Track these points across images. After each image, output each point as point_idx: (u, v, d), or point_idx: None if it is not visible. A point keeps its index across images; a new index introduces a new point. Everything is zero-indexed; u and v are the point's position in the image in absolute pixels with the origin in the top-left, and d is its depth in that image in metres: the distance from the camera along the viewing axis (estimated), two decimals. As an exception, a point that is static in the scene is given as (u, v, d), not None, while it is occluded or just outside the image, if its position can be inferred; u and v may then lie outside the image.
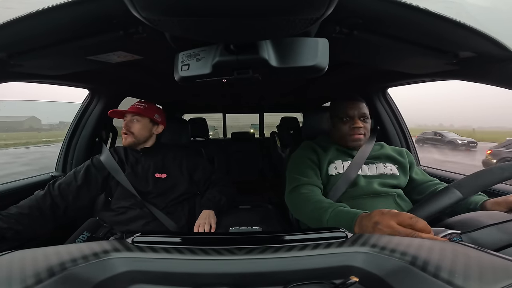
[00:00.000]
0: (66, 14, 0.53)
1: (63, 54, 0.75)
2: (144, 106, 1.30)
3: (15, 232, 0.99)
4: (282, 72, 0.57)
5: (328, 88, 1.97)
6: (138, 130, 1.27)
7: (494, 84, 0.80)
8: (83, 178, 1.21)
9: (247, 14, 0.39)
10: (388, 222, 0.59)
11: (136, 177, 1.26)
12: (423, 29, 0.60)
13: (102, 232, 1.10)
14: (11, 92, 12.65)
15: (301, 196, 0.97)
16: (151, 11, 0.38)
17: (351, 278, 0.38)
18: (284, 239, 0.50)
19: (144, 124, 1.29)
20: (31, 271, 0.35)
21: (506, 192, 1.04)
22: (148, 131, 1.31)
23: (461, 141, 14.23)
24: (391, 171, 1.08)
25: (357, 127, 1.07)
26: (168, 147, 1.40)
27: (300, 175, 1.05)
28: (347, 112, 1.09)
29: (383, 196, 1.01)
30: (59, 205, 1.13)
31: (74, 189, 1.17)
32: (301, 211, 0.95)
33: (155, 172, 1.27)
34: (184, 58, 0.59)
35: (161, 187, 1.25)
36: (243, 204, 1.85)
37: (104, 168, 1.27)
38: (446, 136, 14.98)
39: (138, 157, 1.32)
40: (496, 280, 0.32)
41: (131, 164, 1.30)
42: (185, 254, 0.43)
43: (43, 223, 1.08)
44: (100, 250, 0.42)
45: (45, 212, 1.09)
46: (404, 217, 0.59)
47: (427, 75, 1.01)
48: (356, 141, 1.09)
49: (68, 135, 1.57)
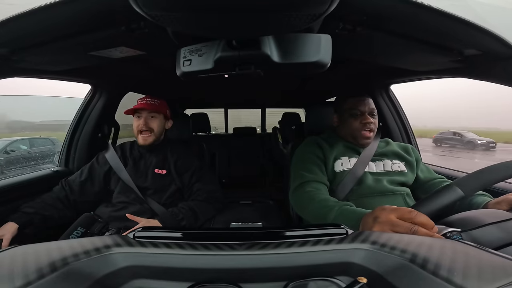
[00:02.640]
0: (68, 10, 0.53)
1: (65, 50, 0.75)
2: (157, 101, 1.29)
3: (42, 217, 1.08)
4: (284, 68, 0.57)
5: (331, 84, 1.96)
6: (157, 126, 1.28)
7: (498, 82, 0.79)
8: (87, 174, 1.27)
9: (250, 9, 0.39)
10: (387, 216, 0.59)
11: (137, 172, 1.26)
12: (428, 26, 0.59)
13: (97, 227, 1.11)
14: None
15: (306, 194, 0.96)
16: (153, 6, 0.38)
17: (359, 279, 0.38)
18: (285, 235, 0.50)
19: (161, 120, 1.30)
20: (33, 267, 0.35)
21: (507, 190, 1.03)
22: (163, 127, 1.32)
23: (480, 141, 14.26)
24: (399, 168, 1.07)
25: (368, 122, 1.06)
26: (172, 143, 1.39)
27: (305, 172, 1.04)
28: (359, 108, 1.08)
29: (392, 195, 1.00)
30: (69, 198, 1.22)
31: (78, 184, 1.24)
32: (306, 210, 0.94)
33: (155, 167, 1.27)
34: (186, 53, 0.59)
35: (159, 183, 1.25)
36: (244, 199, 1.86)
37: (107, 163, 1.28)
38: (466, 136, 14.91)
39: (143, 152, 1.32)
40: (495, 279, 0.32)
41: (133, 159, 1.30)
42: (186, 249, 0.43)
43: (65, 210, 1.18)
44: (102, 245, 0.42)
45: (64, 203, 1.19)
46: (404, 211, 0.58)
47: (431, 72, 1.00)
48: (366, 139, 1.08)
49: (71, 130, 1.58)
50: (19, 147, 5.34)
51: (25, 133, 6.49)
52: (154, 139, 1.27)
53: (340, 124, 1.15)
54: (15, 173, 3.58)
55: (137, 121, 1.26)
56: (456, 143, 15.08)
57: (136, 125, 1.26)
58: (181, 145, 1.42)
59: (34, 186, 1.21)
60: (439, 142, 16.00)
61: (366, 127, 1.07)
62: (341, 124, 1.14)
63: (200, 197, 1.26)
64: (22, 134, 6.11)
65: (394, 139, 1.60)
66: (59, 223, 1.15)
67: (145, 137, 1.25)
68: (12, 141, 5.29)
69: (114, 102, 1.70)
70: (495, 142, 14.19)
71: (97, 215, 1.17)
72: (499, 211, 0.70)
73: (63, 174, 1.43)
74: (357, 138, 1.09)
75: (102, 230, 1.11)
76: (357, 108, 1.08)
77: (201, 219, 1.20)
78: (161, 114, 1.30)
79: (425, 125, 40.43)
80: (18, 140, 5.48)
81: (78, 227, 1.08)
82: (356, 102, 1.09)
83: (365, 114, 1.07)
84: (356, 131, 1.08)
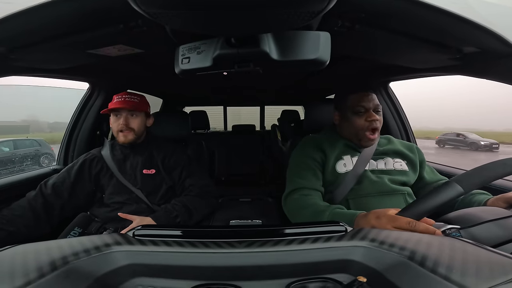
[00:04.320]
0: (66, 8, 0.53)
1: (63, 48, 0.75)
2: (137, 98, 1.21)
3: (7, 233, 0.95)
4: (283, 66, 0.57)
5: (330, 81, 1.96)
6: (138, 125, 1.21)
7: (497, 80, 0.79)
8: (77, 174, 1.17)
9: (248, 7, 0.39)
10: (384, 227, 0.59)
11: (125, 175, 1.20)
12: (427, 24, 0.59)
13: (94, 227, 1.07)
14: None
15: (296, 201, 0.94)
16: (151, 4, 0.38)
17: (359, 278, 0.38)
18: (284, 233, 0.50)
19: (142, 118, 1.23)
20: (33, 265, 0.36)
21: (507, 188, 1.04)
22: (144, 125, 1.25)
23: (484, 142, 14.31)
24: (400, 166, 1.03)
25: (374, 120, 0.99)
26: (158, 141, 1.33)
27: (298, 178, 1.01)
28: (362, 104, 1.00)
29: (393, 194, 0.97)
30: (54, 204, 1.10)
31: (68, 186, 1.14)
32: (297, 217, 0.92)
33: (143, 168, 1.22)
34: (185, 51, 0.59)
35: (150, 184, 1.20)
36: (244, 197, 1.86)
37: (99, 162, 1.22)
38: (469, 137, 14.95)
39: (126, 153, 1.26)
40: (493, 277, 0.32)
41: (117, 161, 1.24)
42: (185, 247, 0.43)
43: (38, 224, 1.05)
44: (102, 244, 0.42)
45: (38, 213, 1.05)
46: (402, 223, 0.57)
47: (430, 69, 1.00)
48: (371, 141, 1.01)
49: (69, 128, 1.58)
50: (1, 149, 5.24)
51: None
52: (135, 138, 1.20)
53: (342, 122, 1.08)
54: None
55: (116, 120, 1.18)
56: (459, 144, 15.10)
57: (116, 125, 1.18)
58: (167, 142, 1.36)
59: (32, 184, 1.21)
60: (443, 143, 16.03)
61: (371, 125, 0.99)
62: (343, 122, 1.07)
63: (193, 192, 1.22)
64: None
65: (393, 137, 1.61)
66: (27, 238, 0.99)
67: (125, 134, 1.18)
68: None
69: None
70: (498, 143, 14.21)
71: (94, 214, 1.13)
72: (498, 209, 0.71)
73: None
74: (361, 139, 1.02)
75: (100, 229, 1.07)
76: (360, 104, 1.00)
77: (195, 216, 1.16)
78: (142, 112, 1.22)
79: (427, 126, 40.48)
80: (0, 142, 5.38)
81: (75, 227, 1.04)
82: (359, 98, 1.01)
83: (370, 111, 1.00)
84: (361, 130, 1.01)
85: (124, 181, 1.19)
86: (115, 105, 1.17)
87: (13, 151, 5.29)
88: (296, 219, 0.93)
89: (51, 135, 12.92)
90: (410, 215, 0.59)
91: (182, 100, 3.11)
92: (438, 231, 0.56)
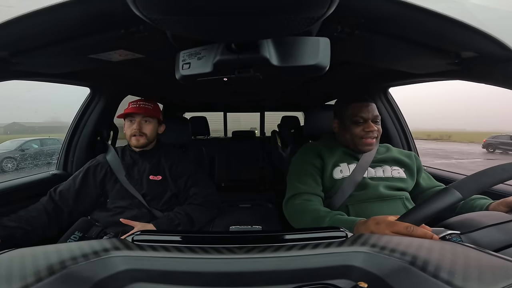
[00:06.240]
0: (68, 13, 0.53)
1: (65, 53, 0.75)
2: (151, 105, 1.26)
3: (24, 232, 1.01)
4: (283, 71, 0.57)
5: (329, 87, 1.97)
6: (150, 131, 1.25)
7: (496, 84, 0.80)
8: (81, 182, 1.21)
9: (249, 13, 0.39)
10: (383, 233, 0.59)
11: (132, 180, 1.23)
12: (426, 29, 0.59)
13: (94, 232, 1.09)
14: None
15: (297, 206, 0.95)
16: (153, 9, 0.38)
17: (360, 284, 0.38)
18: (284, 238, 0.50)
19: (154, 124, 1.27)
20: (31, 270, 0.35)
21: (507, 193, 1.03)
22: (156, 131, 1.30)
23: None
24: (398, 174, 1.05)
25: (371, 131, 1.01)
26: (167, 148, 1.36)
27: (298, 183, 1.02)
28: (361, 115, 1.02)
29: (392, 199, 0.98)
30: (63, 210, 1.15)
31: (73, 194, 1.18)
32: (298, 222, 0.93)
33: (150, 174, 1.24)
34: (185, 56, 0.59)
35: (154, 190, 1.22)
36: (244, 203, 1.85)
37: (103, 168, 1.25)
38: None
39: (135, 158, 1.29)
40: (496, 281, 0.32)
41: (126, 165, 1.27)
42: (185, 253, 0.43)
43: (51, 225, 1.11)
44: (100, 248, 0.42)
45: (51, 216, 1.11)
46: (400, 228, 0.58)
47: (429, 75, 1.00)
48: (369, 145, 1.03)
49: (69, 133, 1.57)
50: (32, 145, 6.25)
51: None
52: (147, 142, 1.25)
53: (340, 130, 1.10)
54: (31, 166, 5.57)
55: (130, 125, 1.23)
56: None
57: (129, 130, 1.23)
58: (175, 150, 1.39)
59: (32, 189, 1.20)
60: (492, 147, 14.24)
61: (369, 135, 1.02)
62: (342, 131, 1.09)
63: (196, 201, 1.24)
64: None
65: (392, 143, 1.60)
66: (41, 238, 1.07)
67: (138, 138, 1.22)
68: (26, 141, 6.34)
69: (113, 105, 1.70)
70: None
71: (94, 219, 1.15)
72: (498, 213, 0.70)
73: (61, 177, 1.42)
74: (359, 145, 1.04)
75: (100, 234, 1.09)
76: (359, 115, 1.02)
77: (197, 225, 1.18)
78: (155, 119, 1.28)
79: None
80: (30, 140, 6.50)
81: (75, 232, 1.06)
82: (358, 108, 1.03)
83: (369, 122, 1.02)
84: (359, 138, 1.03)
85: (128, 186, 1.20)
86: (130, 111, 1.22)
87: (41, 147, 6.23)
88: (297, 224, 0.93)
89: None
90: (409, 221, 0.59)
91: (182, 106, 3.12)
92: (436, 236, 0.55)
